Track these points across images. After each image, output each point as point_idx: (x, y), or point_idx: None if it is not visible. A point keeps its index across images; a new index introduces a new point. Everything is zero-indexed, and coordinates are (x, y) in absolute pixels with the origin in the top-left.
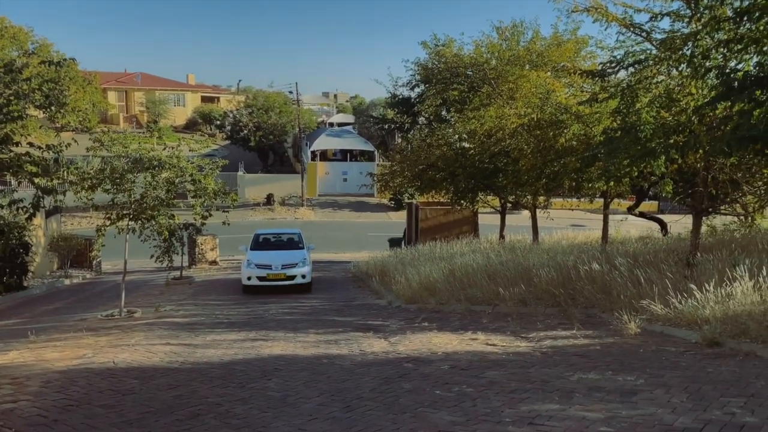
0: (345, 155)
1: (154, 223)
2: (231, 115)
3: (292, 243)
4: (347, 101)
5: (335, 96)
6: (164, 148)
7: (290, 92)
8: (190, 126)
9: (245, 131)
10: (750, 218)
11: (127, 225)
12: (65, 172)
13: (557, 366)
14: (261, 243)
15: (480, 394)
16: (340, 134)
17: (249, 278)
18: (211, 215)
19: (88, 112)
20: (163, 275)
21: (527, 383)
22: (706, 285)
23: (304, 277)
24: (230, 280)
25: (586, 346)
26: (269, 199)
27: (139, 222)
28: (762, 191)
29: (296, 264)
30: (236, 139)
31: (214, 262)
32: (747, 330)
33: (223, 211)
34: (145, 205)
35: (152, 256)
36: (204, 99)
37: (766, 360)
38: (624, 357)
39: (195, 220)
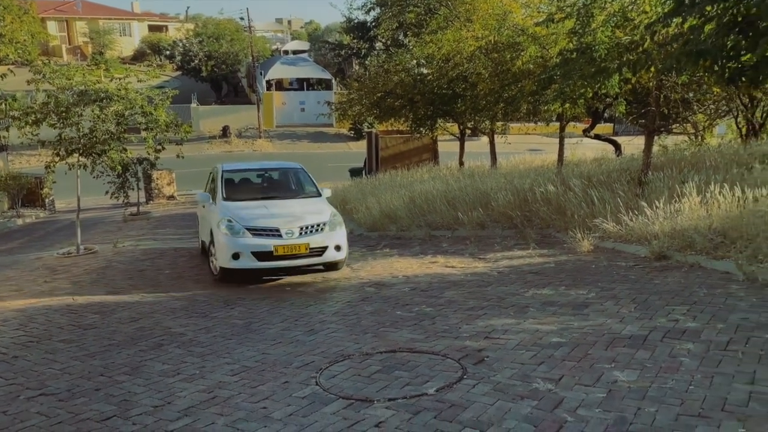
0: (302, 84)
1: (106, 158)
2: (181, 45)
3: (298, 187)
4: (302, 27)
5: (289, 22)
6: (111, 80)
7: (241, 19)
8: (139, 57)
9: (196, 61)
10: (700, 137)
11: (78, 161)
12: (6, 106)
13: (513, 284)
14: (239, 187)
15: (439, 312)
16: (296, 62)
17: (236, 256)
18: (164, 149)
19: (27, 43)
20: (120, 212)
21: (484, 301)
22: (657, 202)
23: (338, 249)
24: (189, 214)
25: (541, 264)
26: (225, 132)
27: (91, 157)
28: (712, 110)
29: (322, 225)
30: (187, 70)
31: (171, 197)
32: (693, 243)
33: (177, 144)
34: (95, 139)
35: (107, 193)
36: (151, 28)
37: (709, 270)
38: (577, 273)
39: (148, 154)
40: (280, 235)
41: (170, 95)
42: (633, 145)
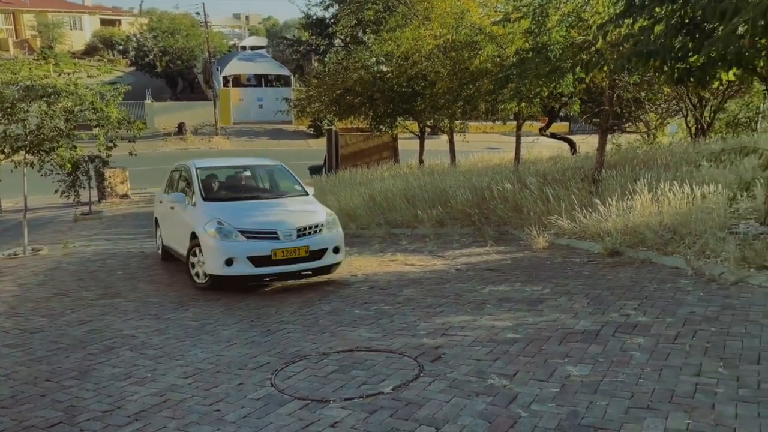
0: (260, 80)
1: (54, 155)
2: (134, 40)
3: (282, 185)
4: (260, 23)
5: (247, 18)
6: (60, 75)
7: (197, 14)
8: (91, 51)
9: (151, 56)
10: (652, 135)
11: (24, 159)
12: None
13: (470, 281)
14: (218, 186)
15: (397, 310)
16: (254, 58)
17: (230, 262)
18: (116, 146)
19: None
20: (71, 211)
21: (442, 298)
22: (610, 199)
23: (337, 251)
24: (143, 213)
25: (498, 261)
26: (181, 129)
27: (38, 155)
28: (663, 109)
29: (320, 226)
30: (141, 65)
31: (125, 196)
32: (644, 239)
33: (129, 142)
34: (42, 136)
35: (57, 191)
36: (104, 22)
37: (660, 266)
38: (532, 269)
39: (99, 151)
40: (277, 238)
41: (122, 91)
42: (587, 143)
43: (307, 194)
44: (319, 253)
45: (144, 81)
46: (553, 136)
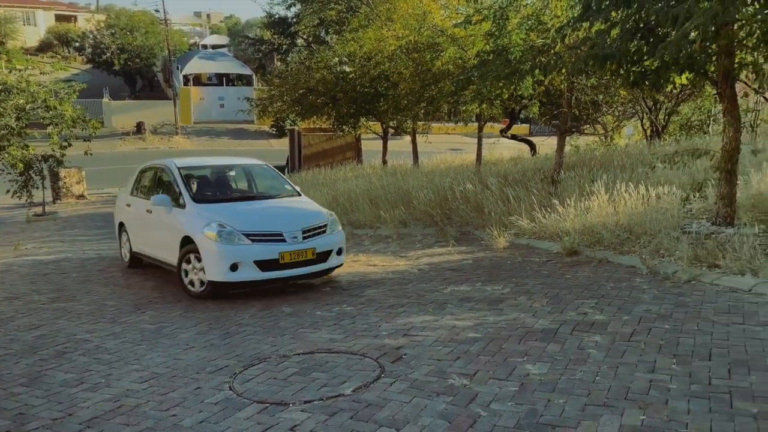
0: (221, 79)
1: (5, 154)
2: (91, 36)
3: (273, 186)
4: (221, 22)
5: (208, 16)
6: (11, 72)
7: (156, 11)
8: (45, 48)
9: (108, 54)
10: (609, 137)
11: None
12: None
13: (432, 281)
14: (205, 187)
15: (359, 311)
16: (215, 57)
17: (235, 267)
18: (70, 145)
19: None
20: (24, 212)
21: (404, 298)
22: (568, 200)
23: (340, 253)
24: (101, 214)
25: (460, 261)
26: (140, 128)
27: None
28: (619, 112)
29: (323, 227)
30: (99, 63)
31: (81, 196)
32: (601, 239)
33: (85, 141)
34: None
35: (8, 191)
36: (59, 18)
37: (616, 265)
38: (493, 269)
39: (54, 150)
40: (284, 240)
41: (77, 89)
42: (547, 145)
43: (299, 194)
44: (325, 255)
45: (101, 79)
46: (513, 137)
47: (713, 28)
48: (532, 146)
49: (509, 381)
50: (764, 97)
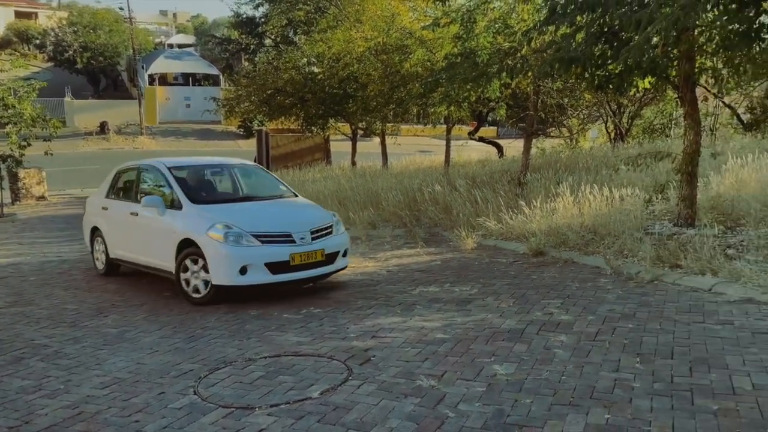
0: (187, 79)
1: None
2: (53, 34)
3: (269, 186)
4: (188, 21)
5: (174, 15)
6: None
7: (121, 9)
8: (4, 45)
9: (70, 52)
10: (574, 140)
11: None
12: None
13: (401, 282)
14: (200, 189)
15: (327, 313)
16: (181, 56)
17: (244, 270)
18: (30, 145)
19: None
20: None
21: (372, 300)
22: (534, 201)
23: (345, 254)
24: (61, 216)
25: (428, 263)
26: (103, 128)
27: None
28: (584, 115)
29: (328, 229)
30: (60, 61)
31: (42, 198)
32: (567, 240)
33: (45, 140)
34: None
35: None
36: (19, 14)
37: (581, 265)
38: (461, 270)
39: (12, 150)
40: (293, 241)
41: (37, 87)
42: (514, 147)
43: (296, 195)
44: (333, 257)
45: (63, 78)
46: (481, 140)
47: (674, 33)
48: (500, 148)
49: (477, 381)
50: (723, 102)
